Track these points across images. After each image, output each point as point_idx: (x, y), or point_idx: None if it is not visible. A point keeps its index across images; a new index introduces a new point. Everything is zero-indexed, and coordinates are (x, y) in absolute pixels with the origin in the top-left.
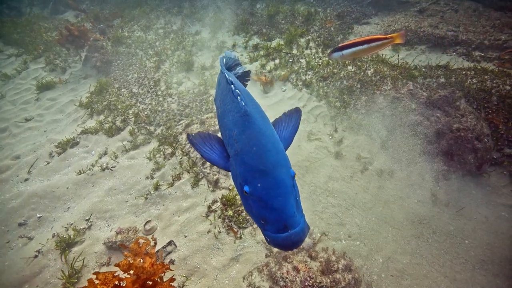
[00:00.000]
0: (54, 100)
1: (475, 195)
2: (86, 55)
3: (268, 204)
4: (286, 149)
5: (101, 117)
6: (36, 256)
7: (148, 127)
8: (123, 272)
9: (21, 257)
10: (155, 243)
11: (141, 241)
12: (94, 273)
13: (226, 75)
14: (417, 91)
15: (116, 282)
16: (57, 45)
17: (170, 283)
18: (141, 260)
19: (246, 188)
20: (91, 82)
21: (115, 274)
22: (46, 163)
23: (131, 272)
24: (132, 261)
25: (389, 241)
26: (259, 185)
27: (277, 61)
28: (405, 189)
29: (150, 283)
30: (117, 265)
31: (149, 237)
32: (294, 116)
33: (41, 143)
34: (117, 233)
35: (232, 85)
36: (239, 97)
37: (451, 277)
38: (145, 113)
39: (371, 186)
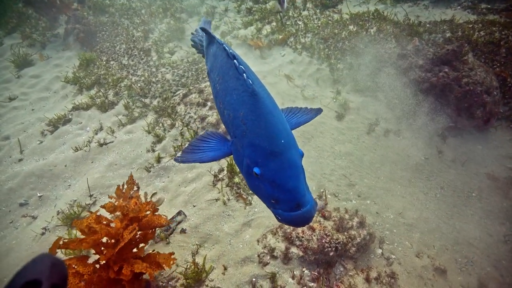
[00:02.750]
0: (37, 77)
1: (481, 150)
2: (66, 28)
3: (281, 186)
4: None
5: (92, 92)
6: (43, 234)
7: (143, 100)
8: (109, 214)
9: (31, 229)
10: (138, 188)
11: (125, 186)
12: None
13: (226, 48)
14: (423, 47)
15: (104, 222)
16: (31, 15)
17: (155, 213)
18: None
19: (256, 170)
20: (75, 56)
21: (98, 213)
22: (39, 142)
23: (118, 213)
24: (117, 203)
25: (398, 198)
26: (271, 167)
27: (273, 24)
28: (412, 147)
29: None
30: (102, 206)
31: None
32: (313, 111)
33: (31, 122)
34: None
35: (235, 60)
36: (245, 75)
37: (459, 228)
38: (139, 85)
39: (378, 146)
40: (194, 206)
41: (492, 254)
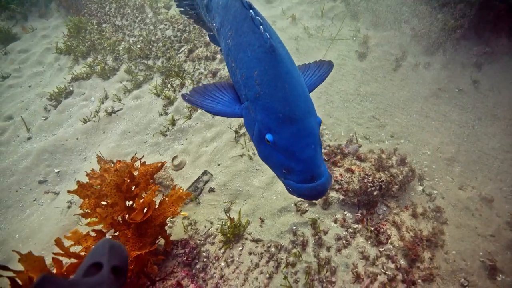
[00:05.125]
0: (26, 51)
1: None
2: None
3: (296, 155)
4: None
5: (89, 60)
6: (69, 207)
7: (146, 62)
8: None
9: (55, 206)
10: (112, 162)
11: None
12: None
13: None
14: None
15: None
16: None
17: (143, 164)
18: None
19: (269, 137)
20: (62, 23)
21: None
22: (44, 118)
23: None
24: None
25: (434, 134)
26: (286, 134)
27: None
28: (445, 80)
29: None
30: (81, 186)
31: (178, 171)
32: (325, 66)
33: (31, 99)
34: None
35: (251, 10)
36: (262, 27)
37: (502, 157)
38: (138, 46)
39: (407, 82)
40: (218, 165)
41: None
